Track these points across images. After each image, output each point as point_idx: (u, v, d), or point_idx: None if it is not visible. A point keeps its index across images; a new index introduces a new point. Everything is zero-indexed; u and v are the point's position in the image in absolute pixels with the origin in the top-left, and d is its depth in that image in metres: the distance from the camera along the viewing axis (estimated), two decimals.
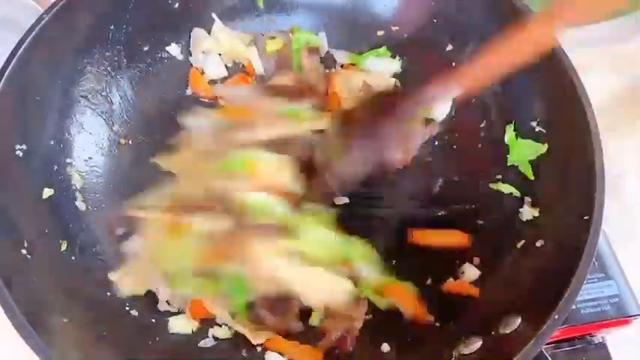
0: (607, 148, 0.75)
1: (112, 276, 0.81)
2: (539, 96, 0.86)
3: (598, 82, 1.09)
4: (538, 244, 0.79)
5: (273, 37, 1.01)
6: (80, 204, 0.87)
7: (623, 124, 1.11)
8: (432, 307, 0.83)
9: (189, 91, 1.00)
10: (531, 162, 0.85)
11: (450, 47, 0.96)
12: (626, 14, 1.11)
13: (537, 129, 0.86)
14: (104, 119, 0.93)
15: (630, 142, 1.09)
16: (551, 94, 0.84)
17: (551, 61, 0.80)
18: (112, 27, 0.89)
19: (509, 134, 0.88)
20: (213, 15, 0.98)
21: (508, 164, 0.89)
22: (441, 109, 0.96)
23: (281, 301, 0.81)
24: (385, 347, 0.81)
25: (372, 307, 0.84)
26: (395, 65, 1.00)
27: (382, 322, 0.83)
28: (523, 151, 0.86)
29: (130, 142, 0.95)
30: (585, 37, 1.15)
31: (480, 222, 0.89)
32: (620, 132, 1.09)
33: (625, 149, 1.08)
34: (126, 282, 0.81)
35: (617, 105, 1.13)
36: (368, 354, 0.82)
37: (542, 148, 0.84)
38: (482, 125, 0.94)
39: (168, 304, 0.84)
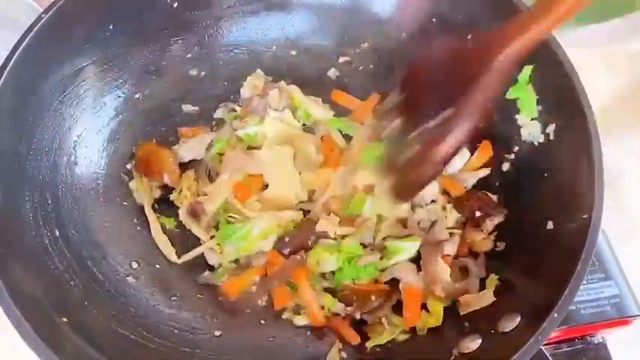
0: (607, 148, 0.74)
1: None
2: (538, 96, 0.85)
3: (598, 82, 1.09)
4: (538, 243, 0.79)
5: None
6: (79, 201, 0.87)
7: (623, 124, 1.11)
8: None
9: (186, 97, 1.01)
10: None
11: None
12: (625, 14, 1.11)
13: None
14: (104, 119, 0.93)
15: (630, 142, 1.09)
16: (551, 95, 0.84)
17: (551, 61, 0.81)
18: (111, 27, 0.89)
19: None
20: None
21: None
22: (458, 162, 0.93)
23: None
24: None
25: None
26: None
27: None
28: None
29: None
30: (585, 37, 1.15)
31: None
32: (620, 132, 1.09)
33: (625, 149, 1.08)
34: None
35: (617, 105, 1.13)
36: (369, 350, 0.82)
37: None
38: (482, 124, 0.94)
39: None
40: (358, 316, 0.84)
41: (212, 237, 0.91)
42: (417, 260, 0.87)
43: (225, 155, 0.94)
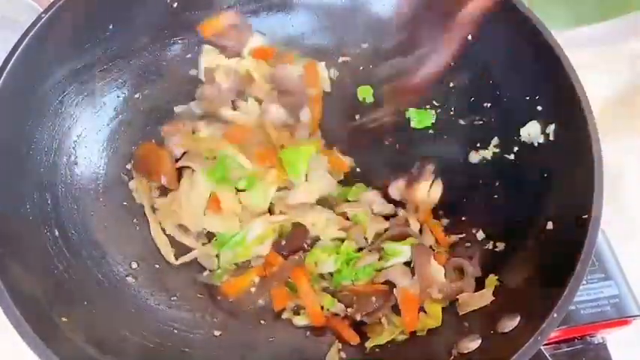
0: (607, 148, 0.74)
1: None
2: (538, 96, 0.86)
3: (598, 82, 1.09)
4: (537, 243, 0.79)
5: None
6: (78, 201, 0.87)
7: (622, 124, 1.11)
8: None
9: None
10: None
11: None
12: (625, 14, 1.10)
13: None
14: (104, 119, 0.93)
15: (630, 142, 1.09)
16: (551, 95, 0.84)
17: (551, 61, 0.81)
18: (111, 27, 0.89)
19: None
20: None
21: None
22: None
23: None
24: None
25: None
26: None
27: None
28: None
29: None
30: (585, 37, 1.15)
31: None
32: (620, 132, 1.09)
33: (625, 149, 1.08)
34: None
35: (617, 105, 1.13)
36: (369, 350, 0.83)
37: None
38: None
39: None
40: (359, 318, 0.84)
41: (205, 243, 0.92)
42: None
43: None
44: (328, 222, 0.90)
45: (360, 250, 0.89)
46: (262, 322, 0.87)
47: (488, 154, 0.92)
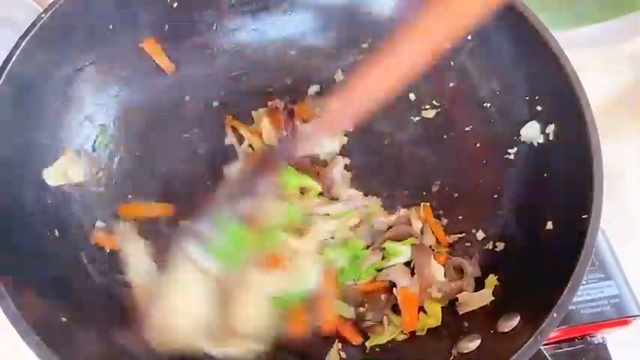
0: (607, 148, 0.74)
1: None
2: (538, 96, 0.86)
3: (598, 82, 1.09)
4: (537, 243, 0.79)
5: None
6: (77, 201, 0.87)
7: (622, 124, 1.11)
8: None
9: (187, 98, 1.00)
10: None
11: (448, 47, 0.95)
12: (625, 14, 1.11)
13: None
14: (104, 119, 0.93)
15: (630, 142, 1.09)
16: (551, 95, 0.84)
17: (550, 61, 0.81)
18: (111, 27, 0.89)
19: None
20: None
21: None
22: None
23: None
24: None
25: None
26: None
27: None
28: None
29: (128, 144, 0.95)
30: (585, 37, 1.15)
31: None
32: (620, 132, 1.09)
33: (625, 149, 1.08)
34: None
35: (617, 105, 1.13)
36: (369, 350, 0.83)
37: None
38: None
39: None
40: (369, 317, 0.84)
41: None
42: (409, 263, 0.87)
43: None
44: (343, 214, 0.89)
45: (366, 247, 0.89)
46: None
47: (487, 154, 0.92)
